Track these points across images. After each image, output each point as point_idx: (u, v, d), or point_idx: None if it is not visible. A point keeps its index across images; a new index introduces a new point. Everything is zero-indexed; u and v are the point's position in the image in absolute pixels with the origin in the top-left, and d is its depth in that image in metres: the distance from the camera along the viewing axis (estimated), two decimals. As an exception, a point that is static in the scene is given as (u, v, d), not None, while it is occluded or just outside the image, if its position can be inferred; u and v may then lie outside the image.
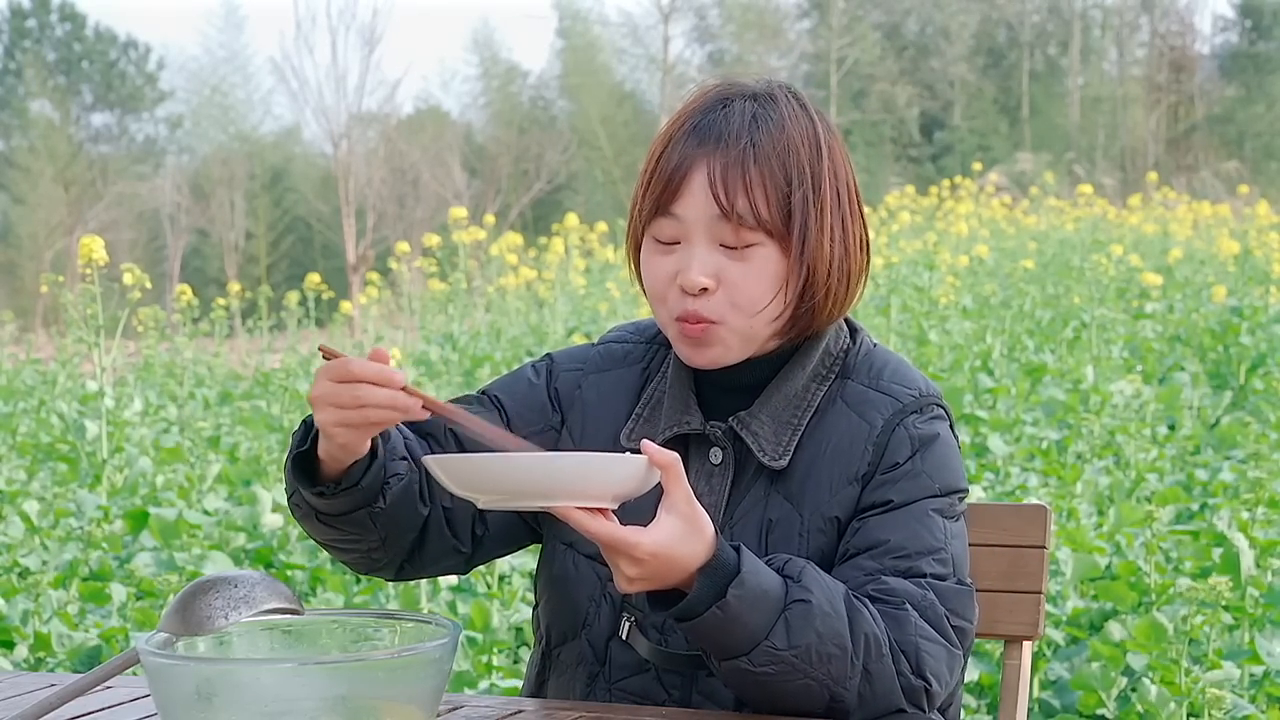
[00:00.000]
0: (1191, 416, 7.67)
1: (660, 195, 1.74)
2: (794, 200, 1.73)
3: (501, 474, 1.55)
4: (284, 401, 7.65)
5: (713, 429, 1.80)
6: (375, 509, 1.75)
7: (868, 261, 1.83)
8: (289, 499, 1.78)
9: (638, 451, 1.65)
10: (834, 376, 1.82)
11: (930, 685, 1.69)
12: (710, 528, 1.62)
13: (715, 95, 1.79)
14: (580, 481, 1.55)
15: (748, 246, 1.73)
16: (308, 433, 1.72)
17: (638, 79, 36.23)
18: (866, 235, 1.82)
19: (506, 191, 30.12)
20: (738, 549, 1.64)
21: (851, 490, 1.76)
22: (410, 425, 1.81)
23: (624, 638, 1.79)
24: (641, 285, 1.84)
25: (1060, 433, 7.10)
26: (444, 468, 1.58)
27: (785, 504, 1.77)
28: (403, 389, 1.60)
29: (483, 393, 1.90)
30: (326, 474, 1.72)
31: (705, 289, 1.73)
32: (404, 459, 1.77)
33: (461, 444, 1.83)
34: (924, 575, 1.72)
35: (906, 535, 1.73)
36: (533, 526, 1.92)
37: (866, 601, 1.68)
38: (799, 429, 1.78)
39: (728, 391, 1.82)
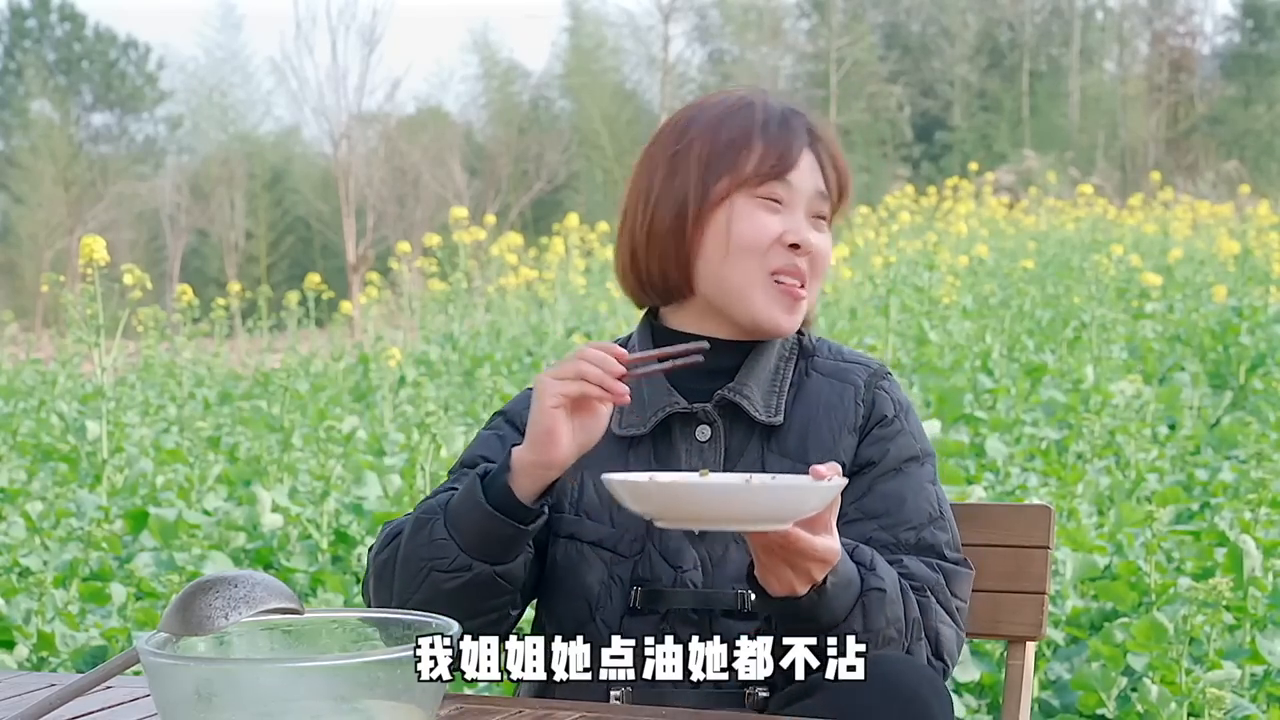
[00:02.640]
0: (1192, 416, 7.67)
1: (777, 163, 1.94)
2: (844, 196, 2.01)
3: (720, 500, 1.61)
4: (284, 401, 7.65)
5: (699, 407, 1.93)
6: (529, 553, 1.86)
7: None
8: (450, 571, 1.82)
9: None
10: (796, 357, 2.00)
11: (948, 666, 1.84)
12: None
13: (779, 103, 2.00)
14: (797, 507, 1.63)
15: (826, 219, 1.98)
16: (483, 478, 1.82)
17: (637, 79, 36.26)
18: None
19: (506, 191, 30.12)
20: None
21: (850, 439, 1.94)
22: None
23: (636, 605, 1.87)
24: (682, 243, 1.95)
25: (1060, 433, 7.09)
26: (665, 491, 1.62)
27: (784, 460, 1.90)
28: (620, 378, 1.75)
29: (468, 466, 1.96)
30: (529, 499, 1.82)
31: (809, 253, 1.95)
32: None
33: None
34: (933, 546, 1.87)
35: (911, 507, 1.90)
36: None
37: (909, 585, 1.84)
38: (784, 393, 1.95)
39: (701, 376, 1.92)
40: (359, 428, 7.88)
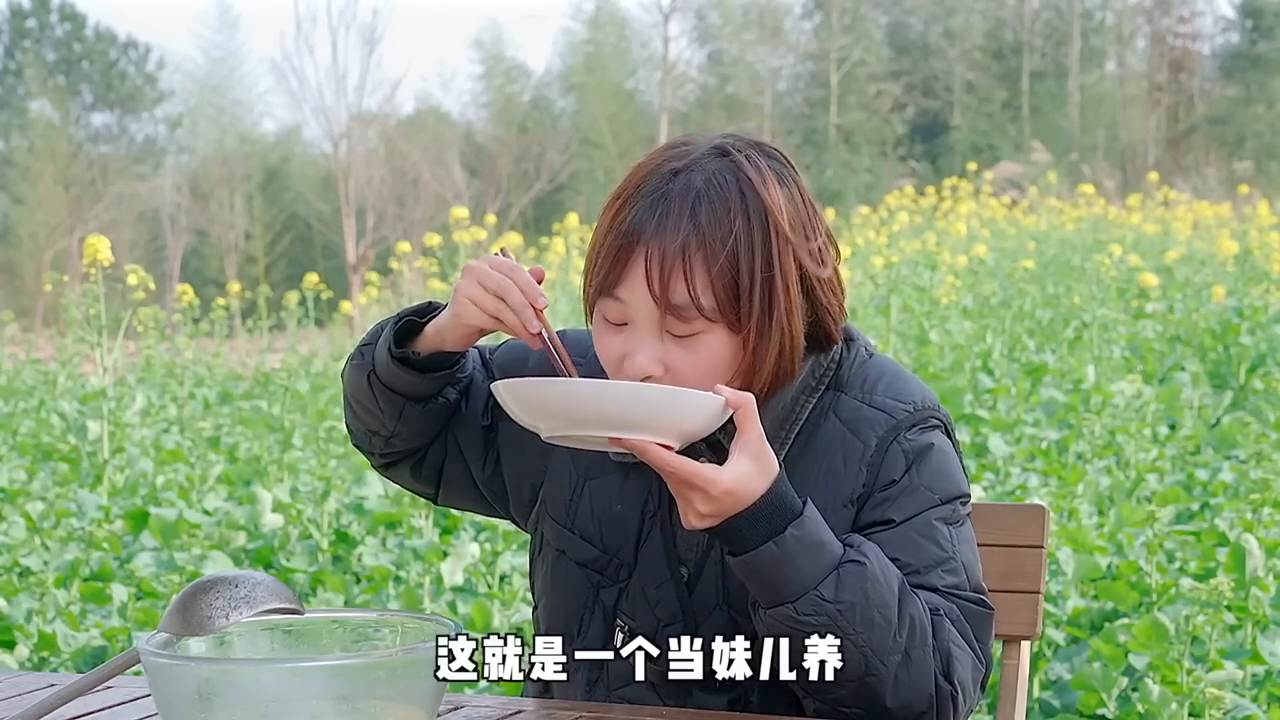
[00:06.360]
0: (1192, 416, 7.67)
1: (605, 277, 1.71)
2: (740, 283, 1.67)
3: (584, 399, 1.57)
4: (284, 401, 7.65)
5: (697, 443, 1.75)
6: (413, 407, 1.83)
7: (841, 306, 1.78)
8: (358, 349, 1.86)
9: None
10: (825, 388, 1.79)
11: (957, 692, 1.69)
12: (777, 467, 1.63)
13: (666, 164, 1.71)
14: (665, 414, 1.57)
15: (693, 335, 1.68)
16: (428, 309, 1.81)
17: (638, 79, 36.27)
18: (838, 287, 1.77)
19: (507, 191, 30.12)
20: (805, 500, 1.65)
21: (846, 513, 1.74)
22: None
23: (620, 649, 1.78)
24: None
25: (1061, 433, 7.09)
26: (535, 390, 1.60)
27: None
28: (537, 311, 1.69)
29: (491, 353, 1.94)
30: (417, 348, 1.80)
31: (650, 376, 1.69)
32: (460, 393, 1.86)
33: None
34: (936, 589, 1.72)
35: (914, 551, 1.72)
36: (488, 499, 1.94)
37: (919, 594, 1.69)
38: (785, 443, 1.77)
39: None
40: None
